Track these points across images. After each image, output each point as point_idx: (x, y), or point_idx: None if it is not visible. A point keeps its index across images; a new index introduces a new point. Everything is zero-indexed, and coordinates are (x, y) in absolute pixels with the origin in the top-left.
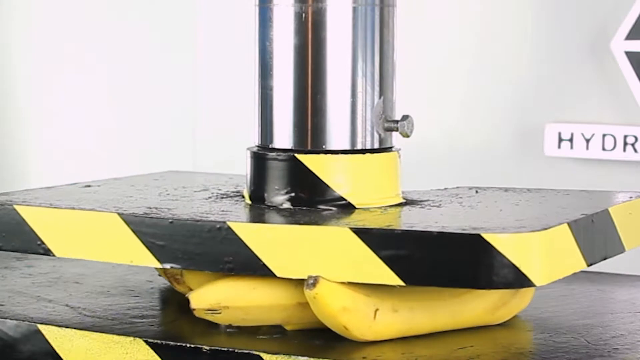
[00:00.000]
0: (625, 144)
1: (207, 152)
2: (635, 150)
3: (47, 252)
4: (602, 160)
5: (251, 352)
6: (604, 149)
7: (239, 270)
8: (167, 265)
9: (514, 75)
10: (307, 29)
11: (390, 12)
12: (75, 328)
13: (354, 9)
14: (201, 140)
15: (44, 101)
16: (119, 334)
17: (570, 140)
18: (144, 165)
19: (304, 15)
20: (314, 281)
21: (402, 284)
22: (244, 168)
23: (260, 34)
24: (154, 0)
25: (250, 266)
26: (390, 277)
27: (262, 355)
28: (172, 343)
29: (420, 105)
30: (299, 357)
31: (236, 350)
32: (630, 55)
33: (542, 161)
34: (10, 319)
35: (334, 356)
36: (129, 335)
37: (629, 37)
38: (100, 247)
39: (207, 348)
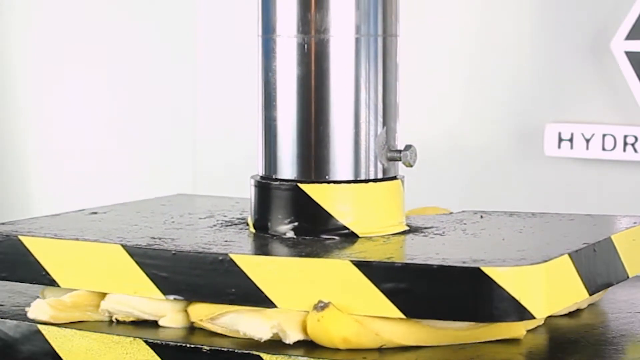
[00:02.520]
0: (625, 144)
1: (208, 153)
2: (635, 150)
3: (52, 282)
4: (602, 160)
5: (251, 352)
6: (604, 149)
7: (242, 301)
8: (171, 297)
9: (514, 75)
10: (310, 60)
11: (392, 42)
12: (75, 328)
13: (357, 40)
14: (201, 141)
15: (44, 100)
16: (119, 334)
17: (570, 140)
18: (144, 166)
19: (306, 46)
20: (323, 305)
21: (403, 316)
22: (244, 169)
23: (263, 64)
24: (154, 1)
25: (252, 298)
26: (391, 310)
27: (262, 355)
28: (172, 343)
29: (421, 105)
30: (299, 357)
31: (236, 351)
32: (630, 55)
33: (542, 161)
34: (10, 319)
35: (334, 356)
36: (128, 336)
37: (629, 37)
38: (104, 278)
39: (207, 348)
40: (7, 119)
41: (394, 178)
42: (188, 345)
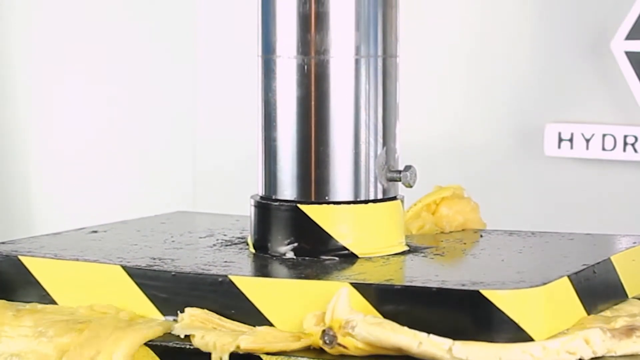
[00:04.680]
0: (625, 144)
1: (208, 154)
2: (635, 150)
3: (52, 303)
4: (602, 160)
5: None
6: (604, 149)
7: (242, 322)
8: (170, 318)
9: (514, 75)
10: (310, 81)
11: (392, 63)
12: None
13: (356, 61)
14: (201, 142)
15: (44, 100)
16: None
17: (570, 140)
18: (144, 167)
19: (306, 67)
20: (331, 341)
21: None
22: (244, 170)
23: (263, 85)
24: (155, 2)
25: (252, 319)
26: None
27: (262, 355)
28: (172, 343)
29: (421, 105)
30: (299, 358)
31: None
32: (630, 55)
33: (542, 161)
34: None
35: (334, 356)
36: None
37: (629, 37)
38: (104, 298)
39: None
40: (7, 119)
41: (394, 198)
42: (188, 346)
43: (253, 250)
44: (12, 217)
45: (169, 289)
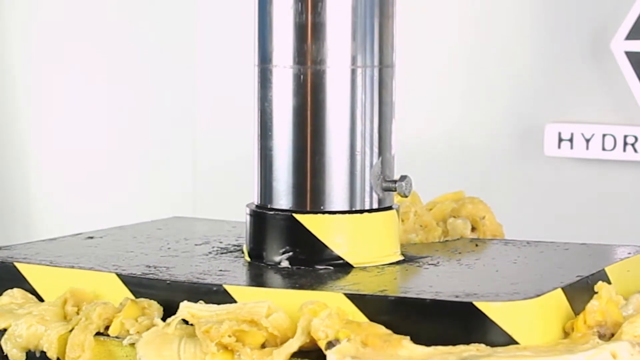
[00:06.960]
0: (625, 144)
1: (207, 153)
2: (635, 150)
3: None
4: (602, 160)
5: None
6: (604, 149)
7: None
8: None
9: (514, 75)
10: (306, 91)
11: (388, 73)
12: None
13: (353, 71)
14: (201, 141)
15: (44, 100)
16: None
17: (570, 140)
18: (144, 167)
19: (302, 77)
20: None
21: None
22: (243, 170)
23: (259, 94)
24: (155, 2)
25: None
26: None
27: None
28: None
29: (421, 104)
30: (299, 358)
31: None
32: (630, 55)
33: (542, 161)
34: None
35: None
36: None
37: (629, 37)
38: None
39: None
40: (7, 119)
41: (390, 208)
42: None
43: (248, 259)
44: (12, 217)
45: (163, 297)
